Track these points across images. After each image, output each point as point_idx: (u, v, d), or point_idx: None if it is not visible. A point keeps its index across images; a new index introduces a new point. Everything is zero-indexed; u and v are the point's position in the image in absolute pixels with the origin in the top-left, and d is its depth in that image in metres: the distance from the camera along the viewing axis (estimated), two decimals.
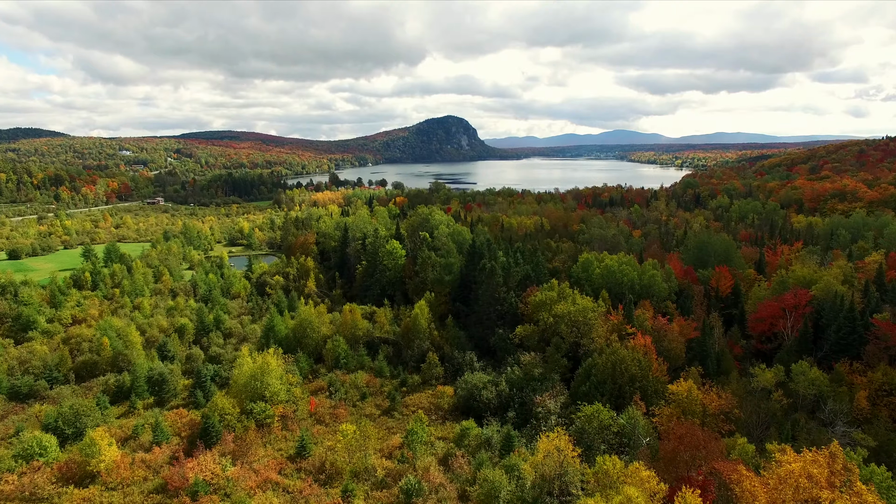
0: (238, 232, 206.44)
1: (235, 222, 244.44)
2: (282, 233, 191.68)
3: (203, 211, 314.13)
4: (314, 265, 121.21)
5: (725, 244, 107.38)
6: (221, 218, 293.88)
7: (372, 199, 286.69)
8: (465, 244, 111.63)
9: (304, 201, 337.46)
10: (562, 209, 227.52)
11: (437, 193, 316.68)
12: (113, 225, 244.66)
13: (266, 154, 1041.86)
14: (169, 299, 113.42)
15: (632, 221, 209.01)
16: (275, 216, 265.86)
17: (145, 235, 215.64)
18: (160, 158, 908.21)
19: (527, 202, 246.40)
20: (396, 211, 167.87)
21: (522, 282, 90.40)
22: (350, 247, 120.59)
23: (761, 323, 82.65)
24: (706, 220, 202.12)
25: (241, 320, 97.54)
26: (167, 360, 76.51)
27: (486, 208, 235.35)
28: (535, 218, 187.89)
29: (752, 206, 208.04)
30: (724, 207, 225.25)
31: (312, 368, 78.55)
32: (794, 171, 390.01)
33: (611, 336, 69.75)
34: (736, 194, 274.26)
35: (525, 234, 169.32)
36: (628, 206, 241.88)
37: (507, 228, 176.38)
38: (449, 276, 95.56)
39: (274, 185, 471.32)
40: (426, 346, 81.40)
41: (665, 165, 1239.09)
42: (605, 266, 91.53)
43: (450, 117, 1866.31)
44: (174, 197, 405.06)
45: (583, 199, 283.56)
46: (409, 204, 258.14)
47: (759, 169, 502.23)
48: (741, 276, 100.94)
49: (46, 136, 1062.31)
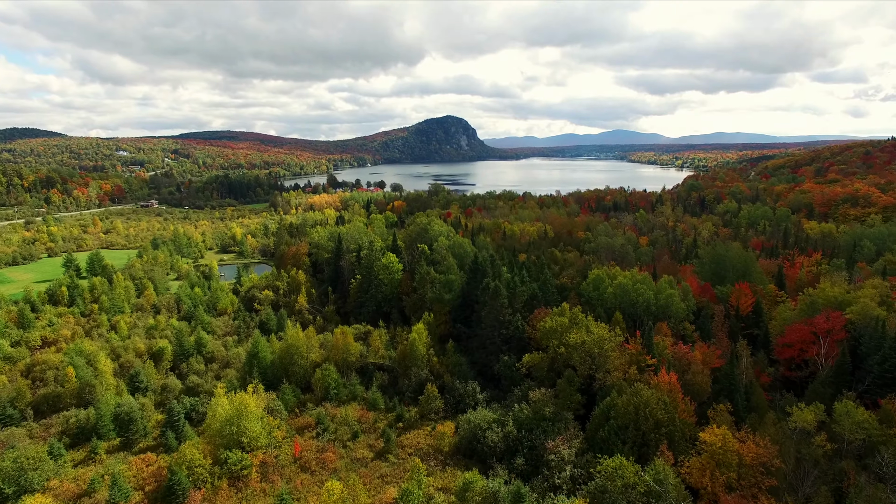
0: (230, 238, 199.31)
1: (228, 227, 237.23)
2: (275, 239, 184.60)
3: (197, 214, 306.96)
4: (305, 279, 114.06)
5: (744, 258, 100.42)
6: (215, 222, 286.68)
7: (370, 202, 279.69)
8: (466, 257, 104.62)
9: (300, 204, 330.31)
10: (565, 214, 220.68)
11: (436, 196, 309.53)
12: (102, 230, 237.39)
13: (264, 154, 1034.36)
14: (150, 316, 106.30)
15: (638, 228, 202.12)
16: (269, 221, 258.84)
17: (135, 241, 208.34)
18: (157, 159, 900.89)
19: (528, 206, 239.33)
20: (394, 219, 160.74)
21: (529, 302, 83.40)
22: (344, 259, 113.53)
23: (789, 348, 75.67)
24: (714, 227, 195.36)
25: (226, 342, 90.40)
26: (139, 391, 69.33)
27: (486, 213, 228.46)
28: (537, 224, 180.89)
29: (762, 211, 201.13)
30: (732, 213, 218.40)
31: (299, 401, 71.45)
32: (800, 173, 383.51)
33: (629, 369, 62.73)
34: (742, 198, 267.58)
35: (528, 241, 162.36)
36: (633, 211, 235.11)
37: (509, 236, 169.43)
38: (449, 294, 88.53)
39: (271, 187, 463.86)
40: (424, 375, 74.34)
41: (665, 166, 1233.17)
42: (617, 284, 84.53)
43: (449, 117, 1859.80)
44: (169, 199, 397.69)
45: (586, 202, 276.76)
46: (408, 208, 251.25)
47: (762, 171, 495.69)
48: (762, 293, 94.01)
49: (43, 136, 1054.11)
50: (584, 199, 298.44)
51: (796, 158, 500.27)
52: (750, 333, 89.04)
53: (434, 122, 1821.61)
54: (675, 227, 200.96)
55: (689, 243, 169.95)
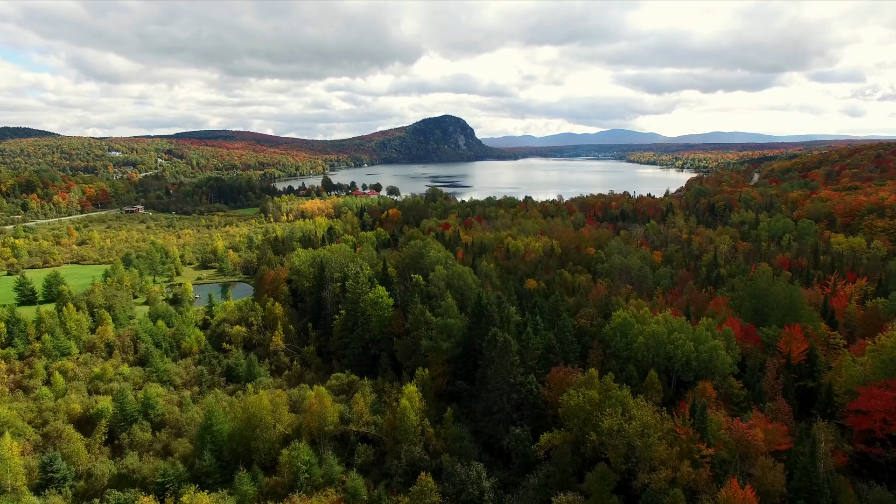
0: (211, 253, 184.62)
1: (212, 238, 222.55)
2: (258, 254, 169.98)
3: (182, 222, 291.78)
4: (283, 312, 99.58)
5: (789, 292, 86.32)
6: (201, 230, 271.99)
7: (363, 210, 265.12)
8: (467, 291, 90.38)
9: (291, 210, 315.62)
10: (570, 225, 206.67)
11: (433, 203, 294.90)
12: (77, 241, 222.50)
13: (259, 155, 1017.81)
14: (101, 358, 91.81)
15: (650, 240, 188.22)
16: (257, 230, 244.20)
17: (109, 255, 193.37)
18: (150, 159, 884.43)
19: (531, 216, 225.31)
20: (386, 236, 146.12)
21: (544, 355, 69.15)
22: (327, 289, 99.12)
23: (865, 418, 61.73)
24: (732, 240, 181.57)
25: (183, 398, 75.84)
26: (53, 484, 54.73)
27: (487, 224, 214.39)
28: (543, 239, 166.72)
29: (783, 224, 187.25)
30: (749, 224, 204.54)
31: (261, 490, 57.04)
32: (810, 177, 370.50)
33: (680, 464, 48.54)
34: (755, 206, 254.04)
35: (534, 260, 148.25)
36: (642, 221, 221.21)
37: (513, 253, 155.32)
38: (447, 342, 74.24)
39: (262, 191, 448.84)
40: (417, 454, 60.07)
41: (665, 167, 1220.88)
42: (650, 334, 70.33)
43: (447, 117, 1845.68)
44: (156, 204, 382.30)
45: (591, 210, 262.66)
46: (403, 217, 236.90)
47: (768, 174, 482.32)
48: (815, 336, 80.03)
49: (36, 135, 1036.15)
50: (589, 205, 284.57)
51: (804, 161, 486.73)
52: (803, 386, 75.23)
53: (432, 121, 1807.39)
54: (689, 240, 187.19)
55: (708, 261, 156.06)
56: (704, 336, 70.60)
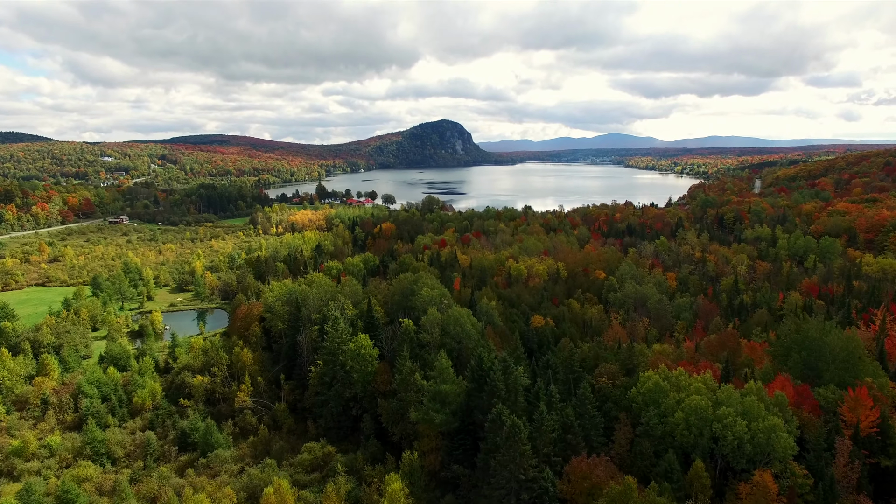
0: (189, 274, 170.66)
1: (194, 254, 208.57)
2: (238, 277, 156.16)
3: (166, 234, 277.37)
4: (252, 359, 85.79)
5: (846, 342, 72.95)
6: (185, 244, 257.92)
7: (355, 223, 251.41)
8: (464, 339, 76.93)
9: (281, 222, 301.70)
10: (575, 242, 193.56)
11: (430, 214, 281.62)
12: (49, 258, 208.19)
13: (254, 161, 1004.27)
14: (33, 419, 77.93)
15: (661, 260, 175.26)
16: (241, 247, 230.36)
17: (80, 275, 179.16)
18: (143, 165, 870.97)
19: (533, 231, 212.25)
20: (375, 262, 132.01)
21: (562, 436, 55.69)
22: (303, 334, 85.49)
23: None
24: (750, 260, 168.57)
25: (117, 483, 61.83)
26: None
27: (486, 239, 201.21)
28: (547, 261, 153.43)
29: (804, 242, 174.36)
30: (766, 240, 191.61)
31: None
32: (819, 186, 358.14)
33: None
34: (766, 218, 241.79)
35: (539, 286, 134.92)
36: (650, 236, 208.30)
37: (515, 278, 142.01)
38: (441, 412, 60.72)
39: (254, 199, 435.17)
40: None
41: (664, 172, 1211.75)
42: (690, 408, 56.89)
43: (444, 121, 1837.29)
44: (142, 214, 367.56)
45: (595, 222, 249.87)
46: (397, 232, 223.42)
47: (773, 181, 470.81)
48: (885, 400, 66.72)
49: (28, 140, 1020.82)
50: (592, 217, 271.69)
51: (809, 168, 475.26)
52: (875, 465, 62.06)
53: (429, 126, 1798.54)
54: (703, 259, 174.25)
55: (728, 286, 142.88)
56: (757, 409, 57.20)
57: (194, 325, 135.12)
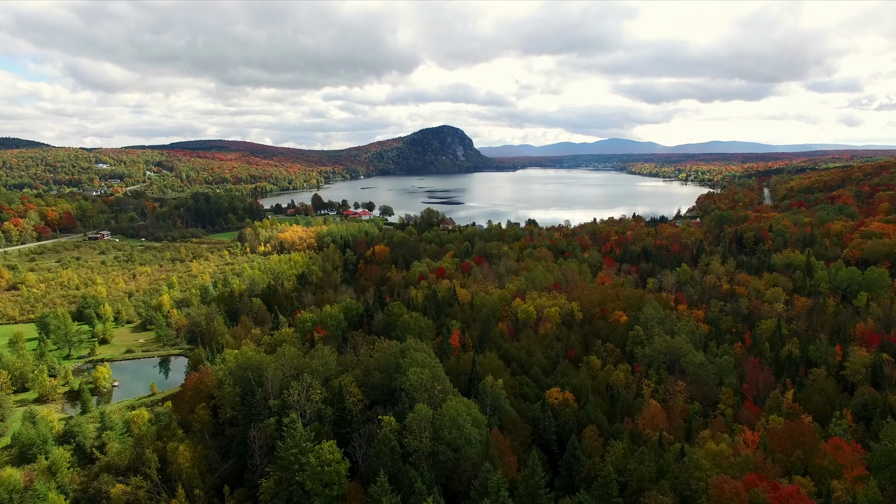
0: (155, 309, 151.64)
1: (168, 282, 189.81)
2: (207, 315, 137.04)
3: (145, 255, 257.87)
4: (191, 459, 66.54)
5: None
6: (164, 265, 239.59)
7: (346, 244, 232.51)
8: (462, 445, 57.88)
9: (270, 239, 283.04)
10: (588, 271, 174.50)
11: (428, 233, 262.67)
12: (6, 285, 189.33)
13: (251, 167, 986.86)
14: None
15: (685, 293, 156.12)
16: (222, 272, 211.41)
17: (34, 309, 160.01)
18: (139, 172, 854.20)
19: (540, 255, 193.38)
20: (359, 311, 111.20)
21: None
22: (255, 427, 66.32)
23: None
24: (786, 294, 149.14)
25: None
26: None
27: (488, 266, 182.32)
28: (559, 299, 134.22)
29: (848, 274, 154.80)
30: (799, 268, 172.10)
31: None
32: (840, 199, 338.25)
33: None
34: (791, 239, 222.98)
35: (551, 335, 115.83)
36: (668, 261, 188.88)
37: (522, 323, 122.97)
38: None
39: (245, 212, 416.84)
40: None
41: (668, 179, 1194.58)
42: None
43: (445, 127, 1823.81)
44: (125, 229, 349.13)
45: (606, 242, 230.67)
46: (392, 256, 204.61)
47: (786, 193, 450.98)
48: None
49: (24, 146, 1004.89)
50: (603, 237, 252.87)
51: (824, 179, 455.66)
52: None
53: (429, 131, 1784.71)
54: (732, 292, 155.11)
55: (769, 331, 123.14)
56: None
57: (152, 378, 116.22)
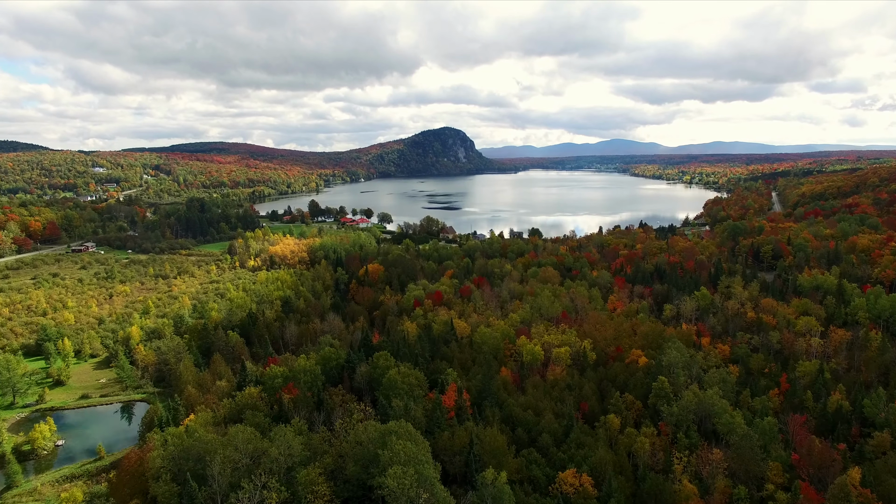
0: (123, 342, 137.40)
1: (144, 306, 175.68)
2: (173, 353, 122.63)
3: (127, 271, 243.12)
4: None
5: None
6: (146, 282, 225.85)
7: (339, 261, 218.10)
8: None
9: (260, 253, 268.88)
10: (599, 296, 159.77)
11: (426, 246, 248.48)
12: None
13: (250, 171, 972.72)
14: None
15: (707, 324, 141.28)
16: (203, 294, 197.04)
17: None
18: (135, 176, 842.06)
19: (546, 276, 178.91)
20: (340, 360, 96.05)
21: None
22: None
23: None
24: (820, 324, 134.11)
25: None
26: None
27: (490, 286, 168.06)
28: (568, 334, 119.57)
29: (891, 302, 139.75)
30: (831, 293, 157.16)
31: None
32: (858, 207, 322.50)
33: None
34: (814, 253, 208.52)
35: (561, 380, 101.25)
36: (684, 281, 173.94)
37: (528, 367, 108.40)
38: None
39: (238, 220, 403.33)
40: None
41: (672, 181, 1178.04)
42: None
43: (446, 129, 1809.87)
44: (112, 240, 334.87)
45: (616, 260, 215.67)
46: (386, 276, 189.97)
47: (798, 199, 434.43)
48: None
49: (23, 149, 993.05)
50: (611, 251, 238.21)
51: (838, 185, 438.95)
52: None
53: (431, 133, 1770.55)
54: (759, 322, 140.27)
55: (809, 376, 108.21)
56: None
57: (107, 431, 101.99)
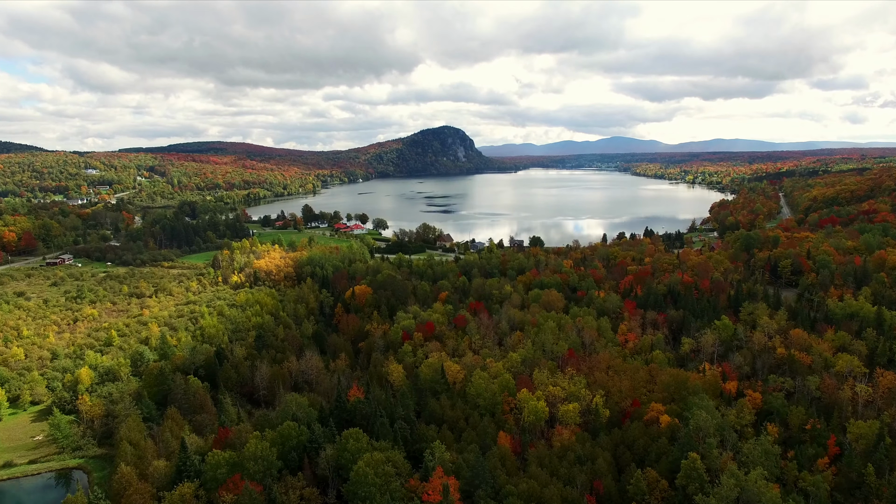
0: (70, 388, 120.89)
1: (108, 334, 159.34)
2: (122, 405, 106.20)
3: (99, 290, 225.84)
4: None
5: None
6: (119, 302, 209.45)
7: (325, 281, 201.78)
8: None
9: (244, 267, 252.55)
10: (607, 324, 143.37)
11: (419, 261, 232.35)
12: None
13: (246, 172, 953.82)
14: None
15: (732, 363, 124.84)
16: (177, 316, 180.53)
17: None
18: (128, 178, 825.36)
19: (549, 298, 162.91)
20: (300, 438, 78.35)
21: None
22: None
23: None
24: (863, 364, 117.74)
25: None
26: None
27: (488, 313, 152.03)
28: (577, 384, 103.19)
29: None
30: (868, 322, 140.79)
31: None
32: (877, 215, 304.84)
33: None
34: (837, 269, 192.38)
35: (570, 447, 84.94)
36: (701, 306, 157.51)
37: (531, 429, 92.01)
38: None
39: (228, 227, 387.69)
40: None
41: (674, 181, 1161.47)
42: None
43: (446, 127, 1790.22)
44: (91, 251, 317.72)
45: (625, 279, 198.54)
46: (374, 299, 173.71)
47: (809, 204, 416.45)
48: None
49: (17, 150, 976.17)
50: (618, 266, 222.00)
51: (851, 188, 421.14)
52: None
53: (430, 132, 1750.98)
54: (790, 358, 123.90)
55: (868, 439, 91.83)
56: None
57: None
